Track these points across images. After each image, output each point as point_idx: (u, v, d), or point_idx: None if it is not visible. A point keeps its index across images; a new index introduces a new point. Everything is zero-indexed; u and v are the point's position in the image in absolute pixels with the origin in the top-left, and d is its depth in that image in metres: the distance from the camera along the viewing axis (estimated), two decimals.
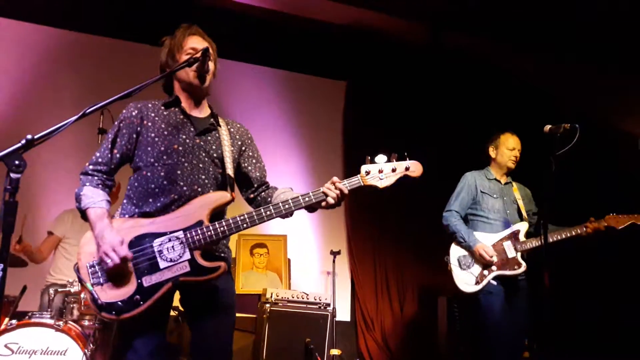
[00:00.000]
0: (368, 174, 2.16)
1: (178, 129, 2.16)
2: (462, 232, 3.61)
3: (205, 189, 2.12)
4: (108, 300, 1.96)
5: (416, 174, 2.20)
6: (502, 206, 3.72)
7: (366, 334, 5.73)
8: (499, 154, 3.81)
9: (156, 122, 2.16)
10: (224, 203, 2.10)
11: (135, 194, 2.11)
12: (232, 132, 2.30)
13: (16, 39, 5.09)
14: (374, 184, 2.17)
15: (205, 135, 2.20)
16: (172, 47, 2.23)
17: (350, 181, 2.15)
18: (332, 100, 6.27)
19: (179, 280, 1.99)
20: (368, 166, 2.17)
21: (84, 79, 5.14)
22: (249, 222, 2.07)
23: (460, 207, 3.73)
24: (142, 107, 2.19)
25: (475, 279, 3.52)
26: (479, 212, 3.72)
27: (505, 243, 3.59)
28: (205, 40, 2.27)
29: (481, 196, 3.73)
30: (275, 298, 4.36)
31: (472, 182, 3.79)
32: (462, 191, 3.77)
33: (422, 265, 6.06)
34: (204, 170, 2.15)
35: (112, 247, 1.96)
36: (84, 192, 2.07)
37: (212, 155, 2.18)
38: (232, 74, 5.62)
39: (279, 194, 2.29)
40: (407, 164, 2.18)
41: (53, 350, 3.22)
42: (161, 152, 2.11)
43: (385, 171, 2.17)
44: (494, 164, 3.85)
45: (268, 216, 2.09)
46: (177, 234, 2.01)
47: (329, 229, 5.93)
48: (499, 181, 3.82)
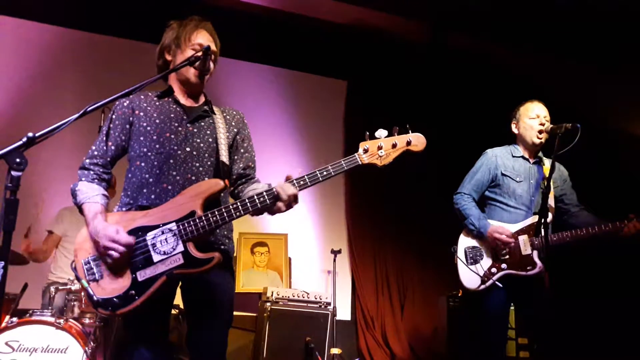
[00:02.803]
0: (366, 152, 2.04)
1: (171, 118, 2.14)
2: (473, 217, 3.15)
3: (199, 177, 2.09)
4: (104, 296, 1.95)
5: (419, 147, 2.07)
6: (527, 191, 3.16)
7: (366, 332, 5.73)
8: (520, 127, 3.26)
9: (148, 111, 2.15)
10: (216, 191, 2.03)
11: (130, 187, 2.10)
12: (228, 119, 2.26)
13: (17, 37, 5.10)
14: (372, 162, 2.04)
15: (198, 122, 2.17)
16: (179, 34, 2.20)
17: (347, 160, 2.04)
18: (333, 99, 6.28)
19: (174, 274, 1.96)
20: (367, 143, 2.05)
21: (85, 77, 5.15)
22: (242, 210, 1.99)
23: (474, 190, 3.25)
24: (133, 98, 2.17)
25: (481, 279, 3.08)
26: (499, 196, 3.21)
27: (521, 237, 3.08)
28: (214, 39, 2.25)
29: (502, 179, 3.20)
30: (275, 297, 4.36)
31: (492, 161, 3.26)
32: (478, 171, 3.27)
33: (422, 264, 6.07)
34: (197, 157, 2.11)
35: (111, 239, 1.94)
36: (79, 188, 2.06)
37: (206, 142, 2.14)
38: (233, 72, 5.63)
39: (250, 189, 2.18)
40: (409, 137, 2.05)
41: (54, 348, 3.22)
42: (154, 141, 2.09)
43: (385, 147, 2.04)
44: (519, 142, 3.31)
45: (252, 206, 1.99)
46: (170, 226, 1.98)
47: (330, 228, 5.94)
48: (527, 159, 3.25)
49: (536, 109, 3.23)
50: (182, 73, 2.18)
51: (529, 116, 3.22)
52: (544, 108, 3.25)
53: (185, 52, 2.17)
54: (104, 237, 1.95)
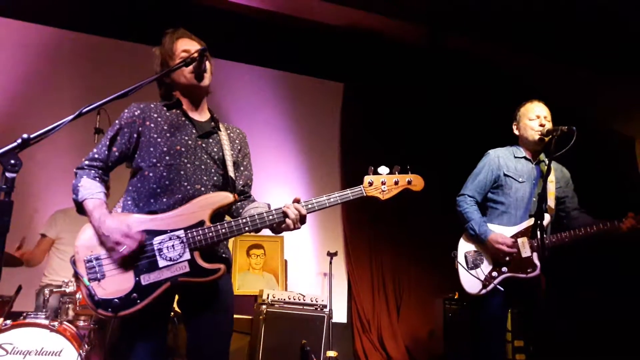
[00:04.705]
0: (371, 185, 2.19)
1: (180, 130, 2.16)
2: (474, 222, 3.12)
3: (207, 190, 2.12)
4: (105, 297, 1.94)
5: (417, 188, 2.25)
6: (529, 192, 3.13)
7: (362, 335, 5.72)
8: (521, 128, 3.24)
9: (159, 122, 2.16)
10: (226, 204, 2.09)
11: (138, 195, 2.09)
12: (232, 137, 2.31)
13: (12, 38, 5.08)
14: (376, 196, 2.20)
15: (206, 137, 2.21)
16: (163, 55, 2.23)
17: (353, 191, 2.17)
18: (330, 102, 6.28)
19: (178, 281, 1.96)
20: (371, 177, 2.20)
21: (80, 79, 5.13)
22: (251, 226, 2.05)
23: (476, 191, 3.21)
24: (144, 108, 2.18)
25: (482, 283, 3.05)
26: (500, 197, 3.18)
27: (520, 239, 3.07)
28: (195, 40, 2.27)
29: (504, 180, 3.17)
30: (271, 299, 4.35)
31: (494, 162, 3.22)
32: (480, 173, 3.24)
33: (418, 267, 6.07)
34: (205, 171, 2.15)
35: (124, 233, 1.93)
36: (82, 184, 2.04)
37: (213, 157, 2.18)
38: (230, 75, 5.62)
39: (251, 207, 2.23)
40: (409, 177, 2.24)
41: (48, 351, 3.20)
42: (164, 152, 2.10)
43: (388, 183, 2.21)
44: (520, 143, 3.28)
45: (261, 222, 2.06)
46: (178, 233, 2.00)
47: (326, 230, 5.93)
48: (529, 160, 3.22)
49: (536, 110, 3.20)
50: (181, 82, 2.20)
51: (529, 117, 3.20)
52: (545, 108, 3.22)
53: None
54: (116, 230, 1.94)
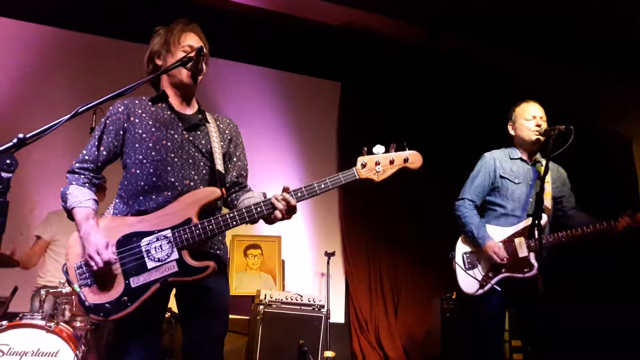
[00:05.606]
0: (364, 167, 2.06)
1: (166, 125, 2.13)
2: (472, 226, 3.12)
3: (196, 184, 2.09)
4: (96, 302, 1.93)
5: (415, 165, 2.10)
6: (525, 193, 3.14)
7: (360, 335, 5.72)
8: (517, 128, 3.23)
9: (143, 118, 2.13)
10: (213, 199, 2.04)
11: (126, 193, 2.08)
12: (221, 128, 2.27)
13: (8, 37, 5.06)
14: (370, 177, 2.07)
15: (194, 130, 2.17)
16: (168, 38, 2.20)
17: (345, 174, 2.06)
18: (327, 101, 6.28)
19: (168, 281, 1.95)
20: (364, 158, 2.07)
21: (76, 78, 5.11)
22: (239, 220, 2.00)
23: (475, 195, 3.21)
24: (128, 104, 2.15)
25: (480, 283, 3.07)
26: (497, 199, 3.19)
27: (517, 239, 3.07)
28: (202, 40, 2.24)
29: (501, 182, 3.18)
30: (269, 299, 4.34)
31: (490, 164, 3.23)
32: (477, 176, 3.24)
33: (416, 267, 6.07)
34: (194, 165, 2.11)
35: (97, 250, 1.92)
36: (70, 191, 2.04)
37: (201, 150, 2.14)
38: (227, 73, 5.60)
39: (245, 198, 2.21)
40: (406, 154, 2.09)
41: (44, 352, 3.19)
42: (149, 148, 2.08)
43: (383, 163, 2.07)
44: (516, 144, 3.27)
45: (249, 216, 2.00)
46: (165, 233, 1.97)
47: (324, 230, 5.93)
48: (525, 161, 3.23)
49: (532, 110, 3.19)
50: (175, 76, 2.17)
51: (525, 117, 3.19)
52: (540, 108, 3.21)
53: (176, 55, 2.16)
54: (92, 245, 1.94)
